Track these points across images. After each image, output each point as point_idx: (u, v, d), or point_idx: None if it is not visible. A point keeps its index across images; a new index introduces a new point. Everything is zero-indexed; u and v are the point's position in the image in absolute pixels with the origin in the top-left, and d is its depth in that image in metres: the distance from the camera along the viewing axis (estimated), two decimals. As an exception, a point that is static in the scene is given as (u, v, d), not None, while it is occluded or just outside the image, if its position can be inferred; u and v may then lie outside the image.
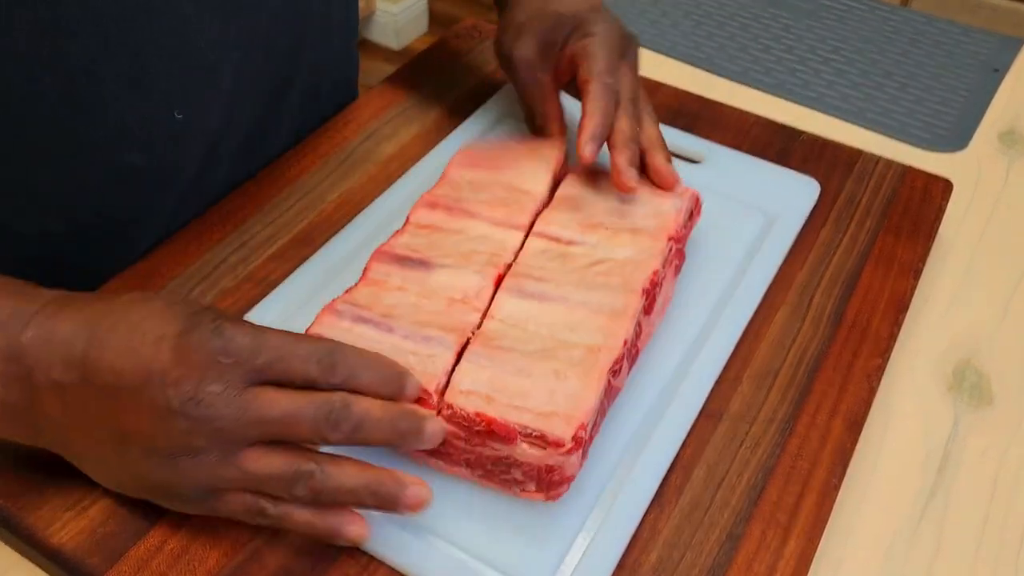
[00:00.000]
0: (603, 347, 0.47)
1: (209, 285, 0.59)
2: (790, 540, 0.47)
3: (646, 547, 0.46)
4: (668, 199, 0.56)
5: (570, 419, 0.44)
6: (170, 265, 0.60)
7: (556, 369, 0.46)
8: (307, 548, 0.46)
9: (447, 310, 0.49)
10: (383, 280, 0.51)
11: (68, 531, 0.46)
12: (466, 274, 0.51)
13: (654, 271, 0.52)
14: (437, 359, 0.46)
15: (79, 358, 0.40)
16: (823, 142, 0.71)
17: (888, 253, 0.62)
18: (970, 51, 0.89)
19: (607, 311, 0.49)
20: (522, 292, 0.50)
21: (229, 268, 0.60)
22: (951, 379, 0.58)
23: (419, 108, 0.74)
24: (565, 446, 0.43)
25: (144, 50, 0.53)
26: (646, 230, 0.54)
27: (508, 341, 0.48)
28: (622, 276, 0.51)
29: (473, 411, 0.44)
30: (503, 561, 0.45)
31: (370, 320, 0.48)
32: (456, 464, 0.47)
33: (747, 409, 0.52)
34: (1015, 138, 0.79)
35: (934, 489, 0.52)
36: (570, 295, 0.50)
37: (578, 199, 0.56)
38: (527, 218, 0.55)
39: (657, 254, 0.52)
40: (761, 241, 0.61)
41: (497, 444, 0.44)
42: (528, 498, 0.46)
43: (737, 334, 0.56)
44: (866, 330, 0.57)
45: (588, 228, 0.54)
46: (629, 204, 0.56)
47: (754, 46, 0.89)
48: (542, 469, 0.44)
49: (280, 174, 0.67)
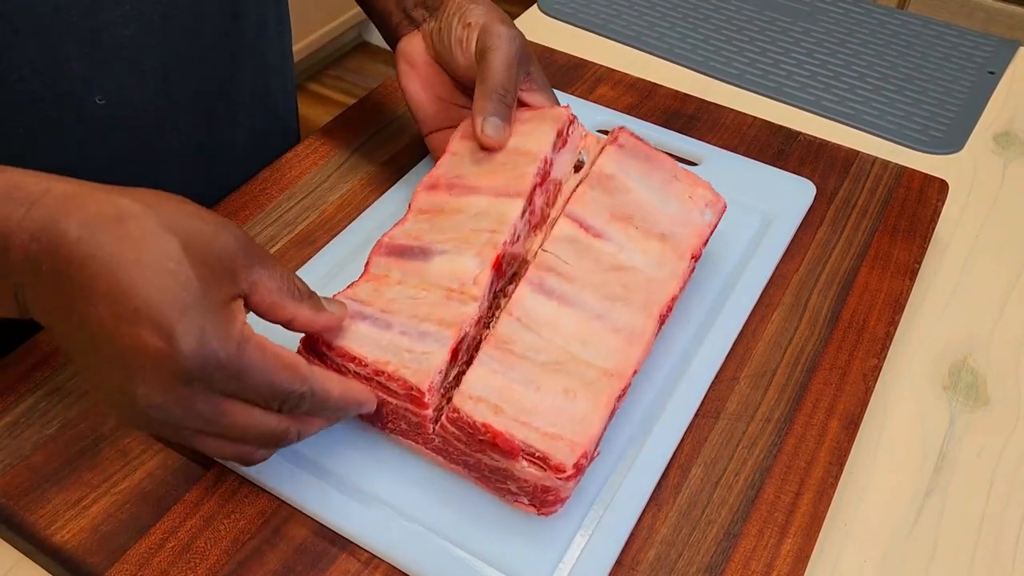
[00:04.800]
0: (615, 373, 0.47)
1: (210, 285, 0.59)
2: (787, 539, 0.47)
3: (644, 545, 0.47)
4: (701, 206, 0.55)
5: (574, 446, 0.44)
6: (171, 266, 0.60)
7: (566, 387, 0.46)
8: (308, 546, 0.46)
9: (444, 302, 0.48)
10: (384, 275, 0.51)
11: (69, 530, 0.46)
12: (463, 259, 0.50)
13: (673, 296, 0.51)
14: (432, 356, 0.46)
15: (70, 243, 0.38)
16: (820, 143, 0.72)
17: (884, 253, 0.63)
18: (966, 53, 0.90)
19: (625, 333, 0.49)
20: (543, 288, 0.49)
21: (229, 269, 0.60)
22: (947, 379, 0.59)
23: (418, 110, 0.74)
24: (566, 472, 0.43)
25: (54, 29, 0.51)
26: (673, 240, 0.53)
27: (521, 347, 0.47)
28: (643, 294, 0.50)
29: (480, 421, 0.44)
30: (502, 559, 0.45)
31: (369, 316, 0.48)
32: (455, 463, 0.47)
33: (744, 408, 0.53)
34: (1011, 139, 0.79)
35: (930, 488, 0.53)
36: (589, 303, 0.49)
37: (613, 179, 0.54)
38: (527, 182, 0.52)
39: (680, 275, 0.52)
40: (758, 242, 0.62)
41: (498, 456, 0.44)
42: (520, 509, 0.46)
43: (734, 334, 0.56)
44: (862, 330, 0.57)
45: (618, 219, 0.53)
46: (663, 197, 0.55)
47: (751, 49, 0.89)
48: (538, 488, 0.45)
49: (281, 174, 0.67)
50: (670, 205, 0.55)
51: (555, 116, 0.56)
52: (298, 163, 0.68)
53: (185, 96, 0.61)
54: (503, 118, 0.55)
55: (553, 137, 0.55)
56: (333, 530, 0.47)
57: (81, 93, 0.54)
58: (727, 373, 0.55)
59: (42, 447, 0.50)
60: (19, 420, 0.51)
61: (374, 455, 0.49)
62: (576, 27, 0.92)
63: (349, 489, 0.48)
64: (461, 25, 0.58)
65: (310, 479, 0.48)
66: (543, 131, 0.55)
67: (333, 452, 0.49)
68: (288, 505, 0.48)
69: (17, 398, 0.52)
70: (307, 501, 0.47)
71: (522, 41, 0.57)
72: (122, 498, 0.47)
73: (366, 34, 2.45)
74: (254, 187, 0.66)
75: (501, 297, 0.51)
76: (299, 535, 0.46)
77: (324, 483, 0.48)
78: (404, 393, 0.45)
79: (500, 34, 0.56)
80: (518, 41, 0.56)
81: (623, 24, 0.92)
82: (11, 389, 0.53)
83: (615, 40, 0.90)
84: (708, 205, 0.56)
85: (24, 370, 0.54)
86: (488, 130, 0.55)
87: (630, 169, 0.55)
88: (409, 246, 0.52)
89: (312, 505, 0.47)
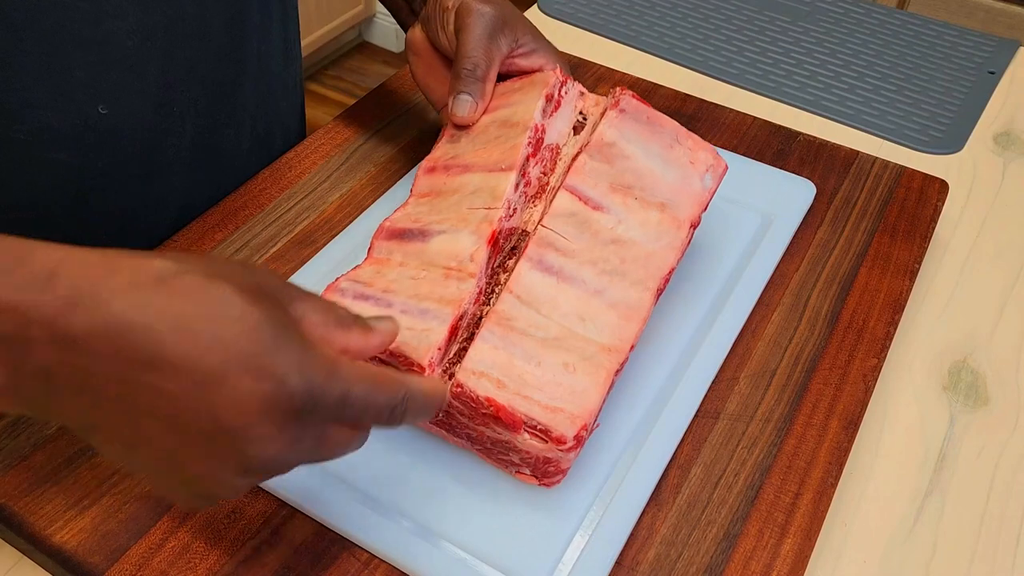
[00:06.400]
0: (613, 348, 0.48)
1: (209, 285, 0.59)
2: (787, 539, 0.47)
3: (644, 545, 0.47)
4: (702, 171, 0.55)
5: (575, 419, 0.45)
6: (171, 266, 0.60)
7: (566, 362, 0.47)
8: (307, 546, 0.46)
9: (443, 280, 0.49)
10: (386, 258, 0.52)
11: (69, 530, 0.46)
12: (461, 236, 0.50)
13: (670, 268, 0.52)
14: (432, 333, 0.46)
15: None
16: (820, 143, 0.72)
17: (884, 254, 0.63)
18: (966, 53, 0.90)
19: (622, 308, 0.49)
20: (543, 264, 0.50)
21: (229, 269, 0.60)
22: (947, 379, 0.59)
23: (421, 108, 0.74)
24: (567, 444, 0.44)
25: (58, 38, 0.51)
26: (672, 209, 0.53)
27: (522, 324, 0.48)
28: (641, 269, 0.51)
29: (483, 395, 0.45)
30: (502, 559, 0.45)
31: (371, 296, 0.49)
32: (458, 436, 0.48)
33: (744, 408, 0.53)
34: (1011, 140, 0.79)
35: (931, 488, 0.53)
36: (588, 278, 0.50)
37: (614, 146, 0.53)
38: (519, 153, 0.52)
39: (678, 247, 0.52)
40: (758, 242, 0.62)
41: (500, 429, 0.45)
42: (522, 480, 0.47)
43: (734, 334, 0.56)
44: (862, 330, 0.57)
45: (618, 190, 0.53)
46: (663, 163, 0.54)
47: (751, 49, 0.89)
48: (539, 459, 0.45)
49: (281, 174, 0.67)
50: (670, 172, 0.54)
51: (543, 81, 0.56)
52: (298, 163, 0.68)
53: (187, 104, 0.61)
54: (474, 94, 0.56)
55: (542, 103, 0.54)
56: (333, 530, 0.47)
57: (84, 101, 0.55)
58: (727, 373, 0.55)
59: (42, 447, 0.50)
60: (19, 420, 0.51)
61: (374, 455, 0.49)
62: (576, 27, 0.92)
63: (349, 489, 0.48)
64: (441, 8, 0.59)
65: (310, 479, 0.48)
66: (531, 99, 0.55)
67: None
68: (288, 505, 0.48)
69: (17, 398, 0.52)
70: (307, 501, 0.47)
71: (498, 13, 0.57)
72: (122, 498, 0.47)
73: (366, 34, 2.45)
74: (254, 187, 0.66)
75: (501, 272, 0.51)
76: (299, 535, 0.46)
77: (324, 483, 0.48)
78: (406, 369, 0.46)
79: (471, 11, 0.57)
80: (490, 15, 0.57)
81: (623, 24, 0.92)
82: (11, 389, 0.53)
83: (615, 40, 0.90)
84: (709, 169, 0.55)
85: (24, 370, 0.54)
86: (455, 108, 0.56)
87: (631, 135, 0.54)
88: (409, 228, 0.53)
89: (312, 505, 0.47)
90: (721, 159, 0.56)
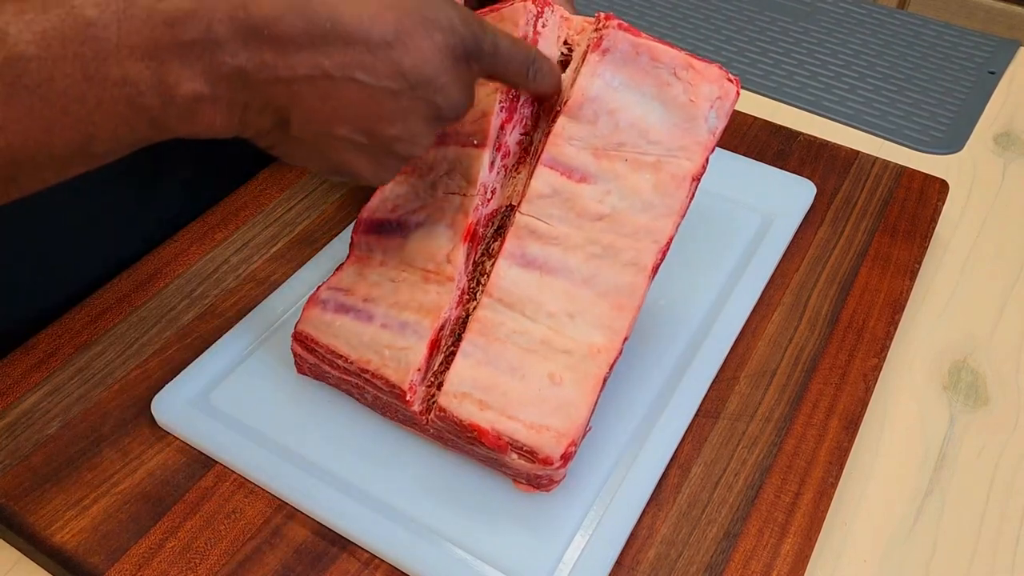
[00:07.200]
0: (603, 348, 0.46)
1: (211, 285, 0.59)
2: (787, 538, 0.47)
3: (644, 545, 0.47)
4: (705, 110, 0.47)
5: (561, 437, 0.44)
6: (172, 265, 0.60)
7: (552, 371, 0.45)
8: (307, 547, 0.46)
9: (423, 284, 0.48)
10: (367, 256, 0.51)
11: (69, 530, 0.46)
12: (438, 231, 0.48)
13: (668, 237, 0.47)
14: (410, 353, 0.46)
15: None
16: (820, 143, 0.72)
17: (884, 254, 0.63)
18: (966, 53, 0.90)
19: (613, 296, 0.46)
20: (524, 259, 0.47)
21: (231, 268, 0.60)
22: (947, 379, 0.59)
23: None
24: (555, 464, 0.44)
25: None
26: (669, 165, 0.47)
27: (505, 331, 0.46)
28: (634, 246, 0.47)
29: (467, 420, 0.44)
30: (502, 559, 0.45)
31: (351, 308, 0.48)
32: (454, 447, 0.48)
33: (744, 408, 0.53)
34: (1011, 140, 0.79)
35: (930, 488, 0.53)
36: (575, 267, 0.46)
37: (597, 100, 0.47)
38: (491, 123, 0.48)
39: (676, 210, 0.47)
40: (758, 242, 0.62)
41: (487, 450, 0.45)
42: (522, 490, 0.47)
43: (734, 334, 0.56)
44: (862, 330, 0.57)
45: (604, 155, 0.47)
46: (659, 107, 0.47)
47: (751, 49, 0.89)
48: (531, 475, 0.45)
49: (281, 175, 0.67)
50: (668, 116, 0.47)
51: (512, 17, 0.48)
52: (298, 163, 0.68)
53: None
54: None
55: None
56: (333, 530, 0.47)
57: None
58: (727, 373, 0.54)
59: (42, 447, 0.50)
60: (19, 420, 0.51)
61: (373, 455, 0.49)
62: (576, 27, 0.92)
63: (349, 489, 0.48)
64: None
65: (310, 479, 0.48)
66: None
67: (333, 452, 0.49)
68: (288, 505, 0.48)
69: (17, 398, 0.52)
70: (307, 501, 0.47)
71: None
72: (122, 498, 0.47)
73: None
74: (254, 187, 0.66)
75: (487, 260, 0.49)
76: (299, 535, 0.46)
77: (324, 483, 0.48)
78: (389, 390, 0.46)
79: None
80: None
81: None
82: (11, 389, 0.53)
83: (615, 40, 0.90)
84: (714, 105, 0.47)
85: (24, 370, 0.54)
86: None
87: (618, 80, 0.47)
88: (387, 219, 0.50)
89: (312, 505, 0.47)
90: (730, 85, 0.48)
